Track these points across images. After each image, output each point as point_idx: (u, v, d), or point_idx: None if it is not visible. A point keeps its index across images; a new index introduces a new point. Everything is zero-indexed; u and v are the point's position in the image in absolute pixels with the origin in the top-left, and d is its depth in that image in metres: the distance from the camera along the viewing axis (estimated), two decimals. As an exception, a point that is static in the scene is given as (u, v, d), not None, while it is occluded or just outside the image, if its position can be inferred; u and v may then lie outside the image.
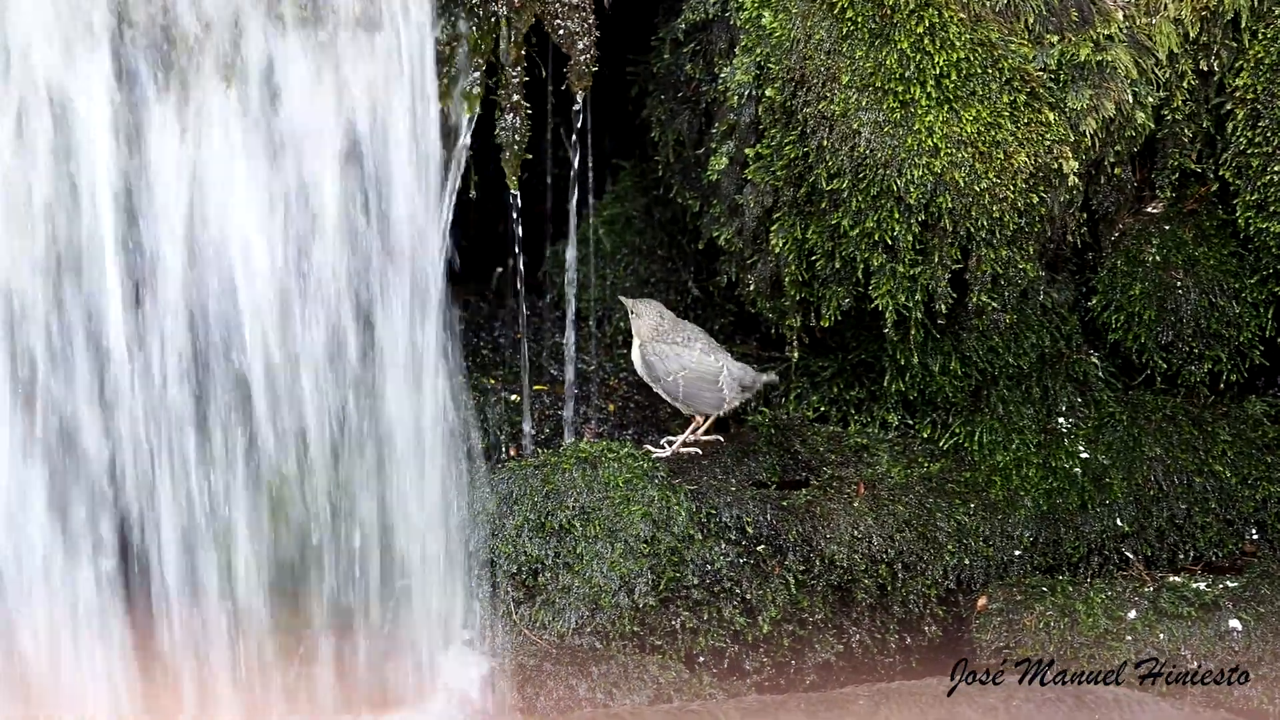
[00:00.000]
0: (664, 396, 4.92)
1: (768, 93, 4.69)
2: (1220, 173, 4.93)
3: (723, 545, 4.71)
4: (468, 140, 4.63)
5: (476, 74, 4.63)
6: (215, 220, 4.32)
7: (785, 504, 4.79)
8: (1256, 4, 4.78)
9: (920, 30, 4.55)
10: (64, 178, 4.22)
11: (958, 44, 4.56)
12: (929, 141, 4.55)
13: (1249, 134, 4.82)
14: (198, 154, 4.30)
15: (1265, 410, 5.07)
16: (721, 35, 4.86)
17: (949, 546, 4.85)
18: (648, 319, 4.91)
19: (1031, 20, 4.63)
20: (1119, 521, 4.94)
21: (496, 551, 4.63)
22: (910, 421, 5.07)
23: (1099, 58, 4.66)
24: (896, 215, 4.60)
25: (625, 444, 4.84)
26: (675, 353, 4.87)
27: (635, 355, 4.95)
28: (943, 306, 4.73)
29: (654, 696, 4.56)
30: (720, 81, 4.81)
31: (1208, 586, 4.75)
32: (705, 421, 4.96)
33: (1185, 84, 4.83)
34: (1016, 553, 4.91)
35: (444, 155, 4.56)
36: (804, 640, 4.76)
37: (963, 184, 4.56)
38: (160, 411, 4.34)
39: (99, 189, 4.23)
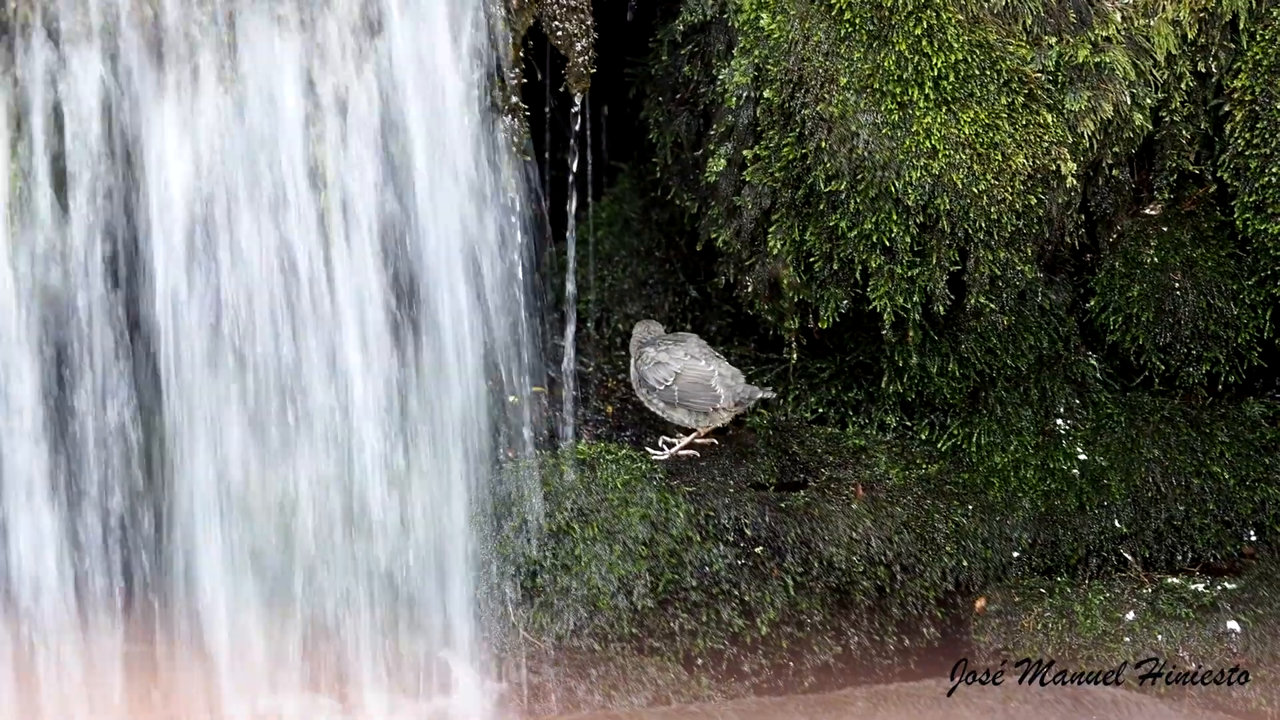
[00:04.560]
0: (660, 412, 4.90)
1: (766, 94, 4.69)
2: (1218, 174, 4.92)
3: (721, 547, 4.70)
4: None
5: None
6: None
7: (783, 506, 4.79)
8: (1255, 5, 4.78)
9: (918, 32, 4.55)
10: None
11: (956, 46, 4.56)
12: (927, 143, 4.55)
13: (1247, 135, 4.82)
14: None
15: (1263, 412, 5.07)
16: (719, 37, 4.86)
17: (947, 548, 4.85)
18: (636, 335, 4.94)
19: (1030, 22, 4.63)
20: (1117, 523, 4.94)
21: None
22: (908, 423, 5.07)
23: (1097, 59, 4.66)
24: (895, 217, 4.60)
25: (623, 446, 4.84)
26: (664, 359, 4.86)
27: (633, 374, 4.96)
28: (941, 308, 4.73)
29: (652, 698, 4.56)
30: (718, 83, 4.81)
31: (1206, 588, 4.75)
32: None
33: (1183, 85, 4.83)
34: (1015, 554, 4.91)
35: None
36: (802, 642, 4.76)
37: (961, 185, 4.56)
38: None
39: None
